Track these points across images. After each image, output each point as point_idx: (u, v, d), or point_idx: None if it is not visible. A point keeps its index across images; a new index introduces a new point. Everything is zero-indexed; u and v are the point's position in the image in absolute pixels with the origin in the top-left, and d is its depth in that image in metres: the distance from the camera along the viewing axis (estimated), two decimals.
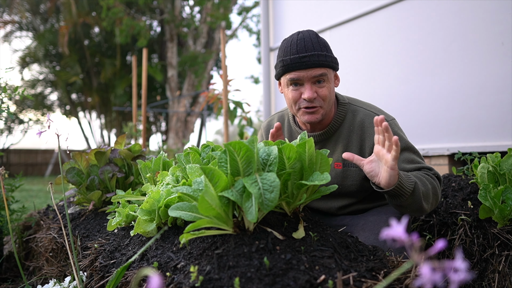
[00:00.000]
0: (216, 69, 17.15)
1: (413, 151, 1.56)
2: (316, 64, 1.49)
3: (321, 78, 1.51)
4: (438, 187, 1.46)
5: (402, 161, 1.52)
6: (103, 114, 17.66)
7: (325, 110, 1.56)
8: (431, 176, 1.47)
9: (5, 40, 16.32)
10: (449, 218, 1.83)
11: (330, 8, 3.86)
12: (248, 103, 4.24)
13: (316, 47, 1.51)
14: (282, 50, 1.56)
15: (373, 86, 3.42)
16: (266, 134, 1.86)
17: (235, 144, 0.97)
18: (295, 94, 1.55)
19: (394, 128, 1.57)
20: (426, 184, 1.40)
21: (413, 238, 0.49)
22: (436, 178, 1.49)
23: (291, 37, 1.56)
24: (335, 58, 1.57)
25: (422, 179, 1.42)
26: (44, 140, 1.38)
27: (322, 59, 1.50)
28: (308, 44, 1.51)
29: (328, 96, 1.54)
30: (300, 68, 1.50)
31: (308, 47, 1.50)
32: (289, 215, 1.18)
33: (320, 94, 1.52)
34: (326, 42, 1.56)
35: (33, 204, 3.62)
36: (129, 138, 5.39)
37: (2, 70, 2.30)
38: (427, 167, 1.51)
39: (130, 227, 1.54)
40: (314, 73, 1.50)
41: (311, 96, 1.50)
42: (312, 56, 1.49)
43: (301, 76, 1.51)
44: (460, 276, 0.47)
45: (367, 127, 1.58)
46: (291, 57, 1.51)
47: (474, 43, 2.76)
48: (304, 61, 1.49)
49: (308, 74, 1.50)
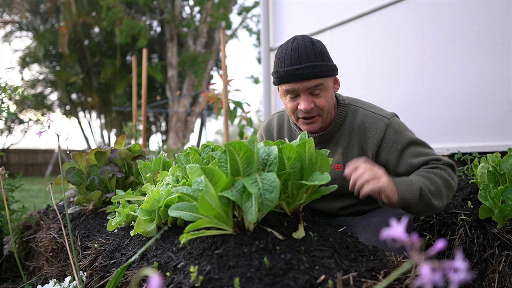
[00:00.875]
0: (216, 69, 17.15)
1: (418, 143, 1.53)
2: (310, 76, 1.46)
3: (317, 89, 1.49)
4: (450, 176, 1.44)
5: (408, 157, 1.50)
6: (103, 114, 17.66)
7: (324, 118, 1.55)
8: (440, 167, 1.45)
9: (5, 40, 16.32)
10: (449, 218, 1.83)
11: (330, 8, 3.86)
12: (248, 103, 4.24)
13: (311, 57, 1.46)
14: (277, 59, 1.54)
15: (373, 86, 3.42)
16: (266, 134, 1.85)
17: (235, 144, 0.97)
18: (292, 105, 1.54)
19: (395, 126, 1.55)
20: (435, 181, 1.39)
21: (413, 238, 0.49)
22: (448, 166, 1.47)
23: (286, 45, 1.53)
24: (332, 65, 1.53)
25: (430, 177, 1.40)
26: (44, 140, 1.38)
27: (316, 70, 1.46)
28: (302, 55, 1.47)
29: (326, 105, 1.52)
30: (295, 81, 1.48)
31: (302, 58, 1.46)
32: (289, 215, 1.18)
33: (317, 104, 1.51)
34: (322, 49, 1.51)
35: (33, 204, 3.62)
36: (129, 138, 5.39)
37: (2, 70, 2.30)
38: (435, 158, 1.48)
39: (130, 227, 1.54)
40: (309, 85, 1.47)
41: (307, 107, 1.49)
42: (306, 68, 1.45)
43: (296, 88, 1.49)
44: (460, 276, 0.47)
45: (367, 128, 1.57)
46: (285, 69, 1.48)
47: (474, 43, 2.76)
48: (298, 73, 1.46)
49: (303, 86, 1.48)
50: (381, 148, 1.54)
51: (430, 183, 1.38)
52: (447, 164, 1.48)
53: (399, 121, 1.60)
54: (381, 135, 1.54)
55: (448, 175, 1.44)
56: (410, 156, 1.51)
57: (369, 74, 3.47)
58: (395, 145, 1.52)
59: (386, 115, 1.59)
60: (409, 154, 1.51)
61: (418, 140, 1.55)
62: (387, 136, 1.54)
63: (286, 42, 1.54)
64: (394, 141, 1.53)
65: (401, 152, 1.52)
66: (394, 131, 1.54)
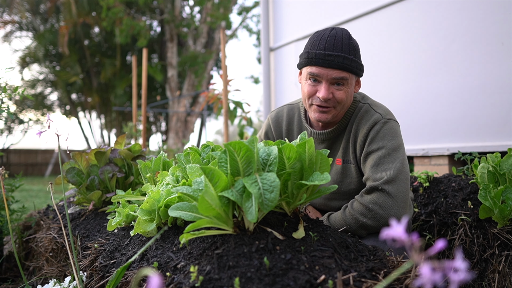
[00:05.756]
0: (216, 69, 17.14)
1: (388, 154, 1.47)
2: (339, 66, 1.45)
3: (341, 81, 1.48)
4: (368, 213, 1.40)
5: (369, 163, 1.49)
6: (103, 114, 17.66)
7: (337, 112, 1.55)
8: (351, 209, 1.44)
9: (5, 40, 16.32)
10: (449, 218, 1.83)
11: (330, 8, 3.87)
12: (248, 103, 4.24)
13: (345, 48, 1.46)
14: (311, 42, 1.52)
15: (373, 86, 3.42)
16: (274, 125, 1.79)
17: (235, 144, 0.97)
18: (311, 89, 1.53)
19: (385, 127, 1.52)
20: (344, 222, 1.44)
21: (413, 238, 0.49)
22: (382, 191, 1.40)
23: (323, 31, 1.52)
24: (362, 64, 1.54)
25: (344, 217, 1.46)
26: (44, 140, 1.38)
27: (347, 62, 1.46)
28: (338, 43, 1.46)
29: (344, 99, 1.51)
30: (323, 65, 1.47)
31: (337, 46, 1.46)
32: (289, 215, 1.18)
33: (336, 96, 1.50)
34: (356, 46, 1.51)
35: (33, 204, 3.63)
36: (129, 138, 5.39)
37: (2, 70, 2.30)
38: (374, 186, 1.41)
39: (130, 227, 1.54)
40: (335, 75, 1.47)
41: (325, 96, 1.48)
42: (338, 57, 1.45)
43: (321, 73, 1.48)
44: (460, 276, 0.47)
45: (361, 123, 1.57)
46: (317, 52, 1.47)
47: (474, 43, 2.76)
48: (328, 59, 1.45)
49: (329, 73, 1.47)
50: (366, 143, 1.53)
51: (341, 222, 1.45)
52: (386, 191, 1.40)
53: (395, 127, 1.54)
54: (368, 129, 1.53)
55: (370, 204, 1.40)
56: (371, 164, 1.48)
57: (369, 74, 3.47)
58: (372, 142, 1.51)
59: (383, 113, 1.56)
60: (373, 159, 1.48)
61: (391, 151, 1.48)
62: (372, 132, 1.52)
63: (324, 29, 1.54)
64: (374, 139, 1.51)
65: (370, 152, 1.50)
66: (381, 130, 1.51)
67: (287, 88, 4.35)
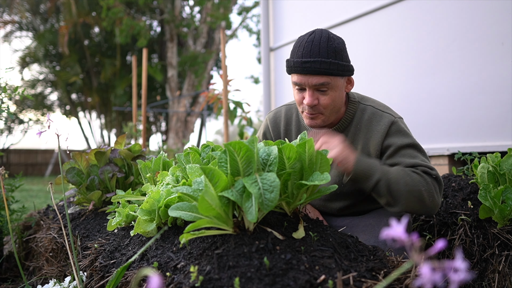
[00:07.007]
0: (216, 69, 17.14)
1: (418, 148, 1.51)
2: (316, 71, 1.43)
3: (322, 87, 1.46)
4: (428, 186, 1.38)
5: (402, 156, 1.48)
6: (103, 114, 17.65)
7: (327, 117, 1.54)
8: (419, 173, 1.40)
9: (5, 40, 16.32)
10: (449, 218, 1.83)
11: (330, 8, 3.86)
12: (248, 103, 4.24)
13: (323, 52, 1.43)
14: (292, 49, 1.52)
15: (373, 86, 3.42)
16: (272, 126, 1.79)
17: (235, 144, 0.97)
18: (298, 97, 1.53)
19: (400, 125, 1.55)
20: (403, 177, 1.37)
21: (413, 238, 0.49)
22: (434, 178, 1.42)
23: (304, 36, 1.51)
24: (346, 64, 1.48)
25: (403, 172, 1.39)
26: (44, 140, 1.38)
27: (324, 67, 1.42)
28: (315, 48, 1.43)
29: (331, 104, 1.49)
30: (301, 73, 1.45)
31: (313, 52, 1.43)
32: (289, 215, 1.18)
33: (321, 102, 1.48)
34: (338, 46, 1.46)
35: (33, 204, 3.63)
36: (129, 138, 5.38)
37: (2, 70, 2.30)
38: (425, 165, 1.44)
39: (130, 227, 1.54)
40: (315, 81, 1.45)
41: (310, 103, 1.47)
42: (315, 63, 1.42)
43: (302, 81, 1.47)
44: (460, 276, 0.47)
45: (373, 125, 1.56)
46: (295, 60, 1.47)
47: (474, 43, 2.76)
48: (305, 66, 1.43)
49: (309, 80, 1.45)
50: (384, 143, 1.53)
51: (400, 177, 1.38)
52: (434, 176, 1.43)
53: (405, 124, 1.59)
54: (386, 130, 1.52)
55: (427, 183, 1.39)
56: (406, 155, 1.48)
57: (369, 74, 3.47)
58: (395, 142, 1.51)
59: (393, 113, 1.59)
60: (404, 153, 1.49)
61: (418, 146, 1.52)
62: (390, 132, 1.53)
63: (306, 33, 1.52)
64: (395, 138, 1.51)
65: (398, 149, 1.50)
66: (398, 129, 1.53)
67: (287, 88, 4.35)
